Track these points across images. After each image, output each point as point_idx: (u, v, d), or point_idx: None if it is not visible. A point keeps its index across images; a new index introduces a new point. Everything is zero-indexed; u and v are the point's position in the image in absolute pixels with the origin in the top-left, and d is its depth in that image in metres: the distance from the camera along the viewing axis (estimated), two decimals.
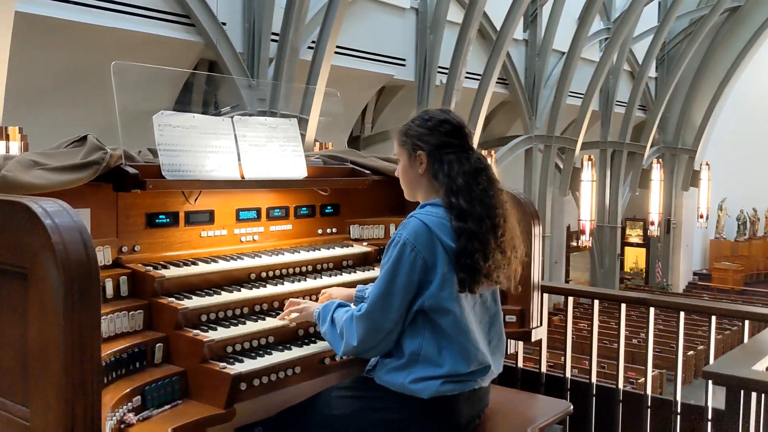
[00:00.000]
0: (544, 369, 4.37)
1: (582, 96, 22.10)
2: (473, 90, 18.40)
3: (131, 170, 2.84)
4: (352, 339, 2.63)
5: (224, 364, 2.65)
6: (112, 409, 2.36)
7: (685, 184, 28.31)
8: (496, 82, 18.71)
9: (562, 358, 4.31)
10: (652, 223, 26.96)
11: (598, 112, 23.87)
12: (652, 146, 26.36)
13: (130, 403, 2.49)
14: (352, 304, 3.10)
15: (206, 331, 2.76)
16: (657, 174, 26.37)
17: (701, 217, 28.14)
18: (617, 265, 26.11)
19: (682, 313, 4.02)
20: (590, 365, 4.22)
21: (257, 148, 3.39)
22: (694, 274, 30.81)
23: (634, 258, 30.75)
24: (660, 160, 26.73)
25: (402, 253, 2.56)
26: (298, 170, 3.54)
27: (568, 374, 4.31)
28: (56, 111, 11.27)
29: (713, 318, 3.96)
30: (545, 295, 4.10)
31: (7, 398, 2.19)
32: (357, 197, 3.91)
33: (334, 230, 3.82)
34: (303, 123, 13.95)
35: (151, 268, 2.89)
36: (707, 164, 27.39)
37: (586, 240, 23.15)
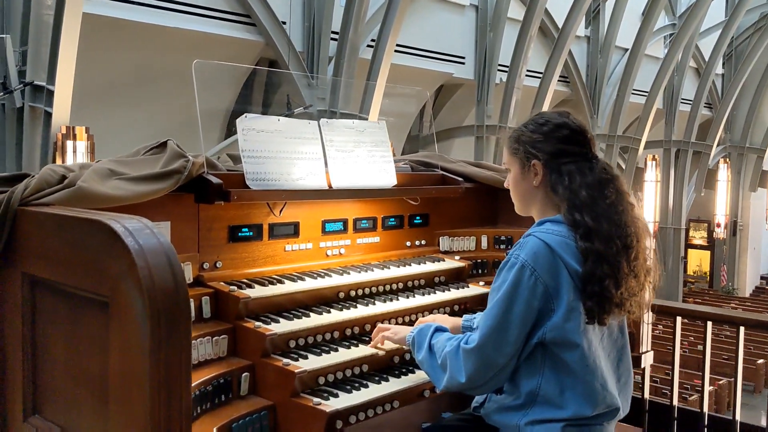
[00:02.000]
0: (647, 395, 3.99)
1: (646, 94, 21.39)
2: (534, 88, 17.93)
3: (214, 180, 2.58)
4: (458, 374, 2.30)
5: (318, 399, 2.36)
6: None
7: (753, 184, 27.27)
8: (558, 80, 18.19)
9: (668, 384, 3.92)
10: (718, 225, 26.06)
11: (662, 110, 23.10)
12: (718, 145, 25.42)
13: None
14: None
15: (296, 359, 2.48)
16: (723, 174, 25.48)
17: None
18: (681, 268, 25.25)
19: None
20: (702, 392, 3.82)
21: (345, 154, 3.10)
22: (762, 278, 29.66)
23: (698, 261, 29.77)
24: (727, 159, 25.80)
25: (520, 278, 2.22)
26: (388, 178, 3.24)
27: (675, 402, 3.92)
28: (122, 112, 11.25)
29: None
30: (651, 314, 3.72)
31: None
32: (447, 207, 3.59)
33: (423, 242, 3.51)
34: None
35: (234, 287, 2.62)
36: None
37: None
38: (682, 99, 23.27)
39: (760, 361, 16.25)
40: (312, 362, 2.48)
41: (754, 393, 16.16)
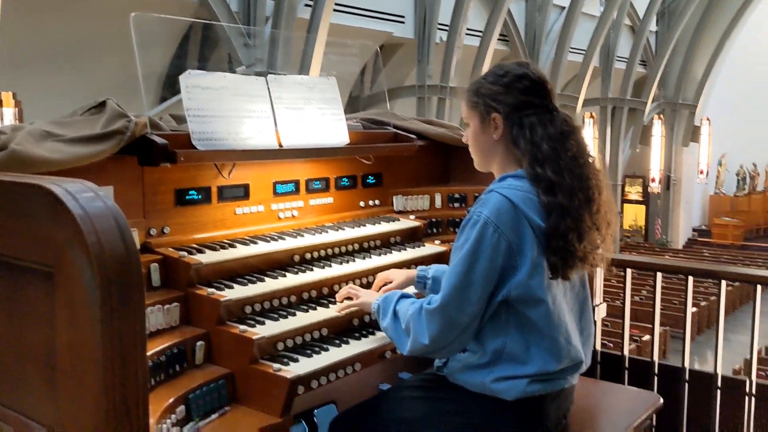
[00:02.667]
0: (599, 347, 4.04)
1: (583, 52, 21.60)
2: (474, 47, 17.90)
3: (159, 140, 2.43)
4: (422, 337, 2.24)
5: (278, 365, 2.28)
6: (155, 425, 2.00)
7: (685, 139, 27.96)
8: (497, 39, 18.19)
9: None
10: (653, 180, 26.74)
11: (599, 68, 23.38)
12: (652, 102, 25.93)
13: (173, 415, 2.13)
14: (413, 289, 2.73)
15: (253, 325, 2.38)
16: (658, 130, 26.07)
17: (701, 172, 27.93)
18: (617, 223, 25.83)
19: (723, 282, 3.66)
20: (652, 342, 3.89)
21: (295, 112, 2.98)
22: (694, 230, 30.65)
23: (634, 215, 30.51)
24: (661, 116, 26.38)
25: (483, 235, 2.16)
26: (340, 136, 3.13)
27: (626, 352, 3.98)
28: (51, 76, 10.75)
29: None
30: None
31: (33, 419, 1.82)
32: (400, 166, 3.51)
33: (377, 202, 3.43)
34: None
35: (184, 252, 2.51)
36: (708, 119, 27.04)
37: None
38: (618, 57, 23.59)
39: (703, 303, 16.84)
40: (270, 328, 2.40)
41: (698, 333, 16.77)
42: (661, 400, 2.76)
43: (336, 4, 13.94)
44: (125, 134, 2.34)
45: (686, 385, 3.79)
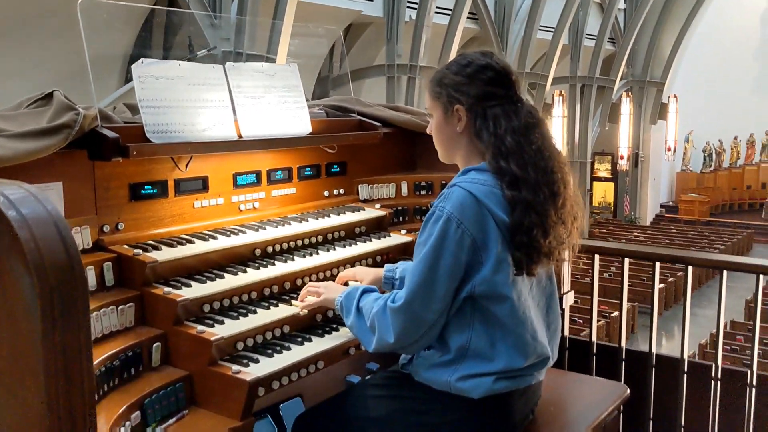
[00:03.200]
0: (566, 333, 4.02)
1: (552, 30, 21.58)
2: (443, 26, 17.78)
3: (110, 134, 2.33)
4: (387, 335, 2.19)
5: (237, 366, 2.21)
6: None
7: (653, 117, 28.20)
8: (467, 18, 18.08)
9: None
10: (621, 157, 26.93)
11: (568, 46, 23.40)
12: (621, 80, 26.06)
13: (128, 422, 2.05)
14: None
15: (212, 325, 2.30)
16: (626, 108, 26.21)
17: (669, 149, 28.18)
18: (587, 201, 26.10)
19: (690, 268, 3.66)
20: (620, 328, 3.87)
21: (255, 101, 2.88)
22: (661, 206, 31.03)
23: (603, 192, 30.79)
24: (629, 93, 26.52)
25: (446, 230, 2.10)
26: (302, 125, 3.04)
27: (593, 339, 3.97)
28: (3, 58, 10.39)
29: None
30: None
31: None
32: (364, 154, 3.43)
33: (341, 191, 3.35)
34: (270, 63, 13.26)
35: (140, 250, 2.41)
36: (675, 97, 27.25)
37: None
38: (587, 35, 23.61)
39: (661, 285, 17.05)
40: (229, 327, 2.32)
41: (665, 309, 17.03)
42: (628, 391, 2.74)
43: None
44: (73, 128, 2.23)
45: (653, 370, 3.78)
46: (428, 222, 2.15)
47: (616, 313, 14.27)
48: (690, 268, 3.64)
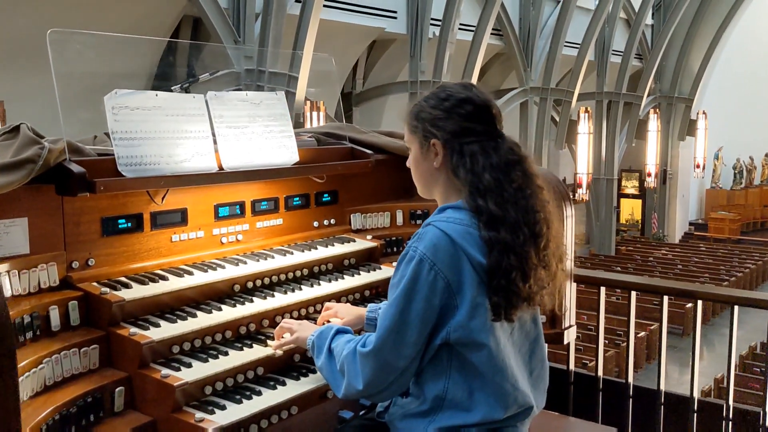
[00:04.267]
0: (572, 367, 3.87)
1: (578, 46, 21.37)
2: (467, 42, 17.67)
3: (76, 169, 2.25)
4: (356, 381, 2.07)
5: (201, 414, 2.10)
6: None
7: (681, 133, 27.76)
8: (491, 34, 17.96)
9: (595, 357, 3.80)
10: (649, 174, 26.51)
11: (594, 62, 23.15)
12: (648, 96, 25.70)
13: None
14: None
15: (178, 369, 2.20)
16: (654, 124, 25.80)
17: (698, 166, 27.65)
18: (614, 218, 25.74)
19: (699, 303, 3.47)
20: (627, 365, 3.71)
21: (238, 131, 2.79)
22: (690, 224, 30.48)
23: (630, 209, 30.35)
24: (657, 109, 26.12)
25: (418, 273, 1.98)
26: (288, 155, 2.95)
27: (600, 373, 3.81)
28: (34, 76, 10.48)
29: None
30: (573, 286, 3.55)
31: None
32: (358, 182, 3.32)
33: (332, 221, 3.25)
34: (293, 82, 13.28)
35: (107, 288, 2.32)
36: (704, 113, 26.78)
37: (582, 193, 22.69)
38: (613, 50, 23.35)
39: (689, 305, 16.64)
40: (196, 371, 2.21)
41: (683, 336, 16.64)
42: None
43: (326, 0, 13.75)
44: (37, 163, 2.16)
45: (662, 408, 3.62)
46: (401, 263, 2.04)
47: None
48: (700, 303, 3.47)
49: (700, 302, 3.46)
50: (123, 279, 2.43)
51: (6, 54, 10.13)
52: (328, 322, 2.55)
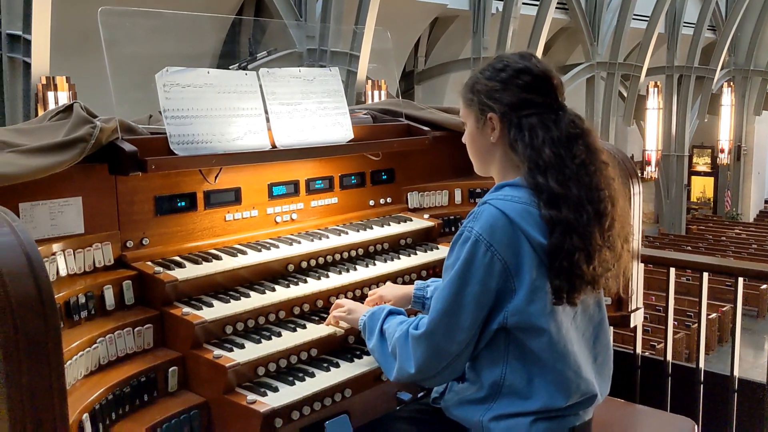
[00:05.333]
0: (639, 351, 3.72)
1: (647, 18, 20.67)
2: (531, 17, 17.28)
3: (128, 147, 2.23)
4: (407, 364, 2.00)
5: (253, 396, 2.07)
6: None
7: (757, 107, 26.68)
8: (556, 8, 17.50)
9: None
10: (722, 151, 25.65)
11: (664, 35, 22.38)
12: (722, 69, 24.73)
13: None
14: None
15: (230, 349, 2.17)
16: (727, 98, 24.92)
17: None
18: (684, 196, 24.99)
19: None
20: (698, 350, 3.54)
21: (291, 108, 2.74)
22: (766, 202, 29.35)
23: (702, 187, 29.46)
24: (731, 83, 25.19)
25: (474, 254, 1.88)
26: (343, 132, 2.88)
27: (668, 358, 3.65)
28: (91, 65, 10.73)
29: None
30: (641, 267, 3.39)
31: None
32: (415, 159, 3.24)
33: (388, 200, 3.18)
34: (354, 60, 13.23)
35: (160, 269, 2.30)
36: None
37: (651, 171, 22.09)
38: (685, 22, 22.52)
39: (764, 286, 16.05)
40: (249, 352, 2.18)
41: (757, 318, 16.08)
42: (696, 429, 2.45)
43: None
44: (88, 142, 2.15)
45: (735, 395, 3.44)
46: (456, 243, 1.95)
47: (712, 316, 13.57)
48: None
49: None
50: (177, 258, 2.41)
51: (77, 39, 10.37)
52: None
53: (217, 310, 2.28)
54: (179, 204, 2.49)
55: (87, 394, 1.94)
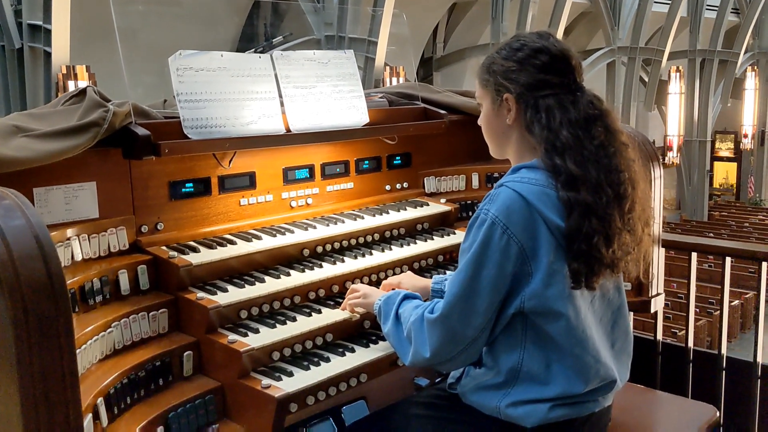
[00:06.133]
0: (659, 337, 3.67)
1: (669, 2, 20.36)
2: (551, 1, 17.08)
3: (141, 131, 2.22)
4: (423, 348, 1.97)
5: (268, 380, 2.06)
6: None
7: None
8: None
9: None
10: (746, 136, 25.25)
11: (686, 19, 22.03)
12: (745, 53, 24.32)
13: None
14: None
15: (245, 334, 2.16)
16: (751, 82, 24.50)
17: None
18: (706, 182, 24.67)
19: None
20: (720, 337, 3.48)
21: (305, 91, 2.71)
22: None
23: (724, 173, 29.08)
24: (755, 67, 24.75)
25: (490, 237, 1.85)
26: (358, 116, 2.85)
27: (690, 344, 3.60)
28: (129, 51, 10.76)
29: None
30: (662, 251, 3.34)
31: None
32: (432, 143, 3.20)
33: (405, 185, 3.14)
34: (372, 47, 13.18)
35: (176, 252, 2.30)
36: None
37: (673, 156, 21.82)
38: (708, 5, 22.15)
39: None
40: (263, 336, 2.17)
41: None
42: (718, 414, 2.41)
43: None
44: (102, 126, 2.14)
45: (758, 382, 3.39)
46: (472, 226, 1.92)
47: (734, 303, 13.40)
48: None
49: None
50: (191, 243, 2.40)
51: (97, 29, 10.40)
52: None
53: (232, 294, 2.27)
54: (193, 189, 2.47)
55: (102, 378, 1.94)
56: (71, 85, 9.46)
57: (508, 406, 1.94)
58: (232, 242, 2.45)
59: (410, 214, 2.95)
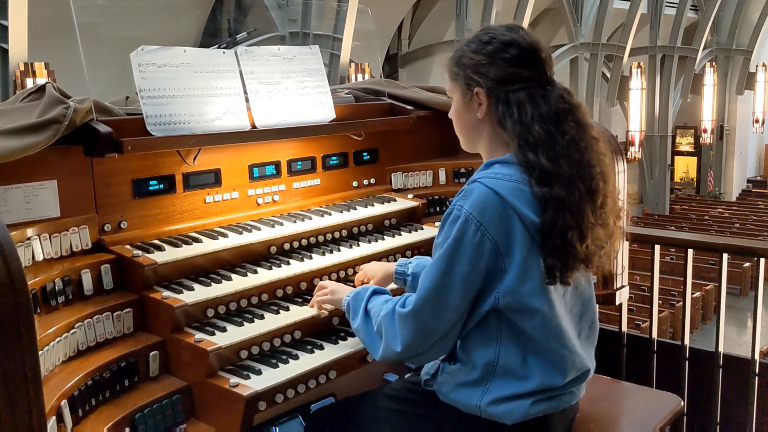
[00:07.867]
0: (624, 329, 3.72)
1: None
2: None
3: (103, 129, 2.18)
4: (394, 343, 1.97)
5: (236, 379, 2.04)
6: None
7: (739, 87, 26.73)
8: None
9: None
10: (705, 131, 25.69)
11: (647, 15, 22.34)
12: (704, 49, 24.75)
13: None
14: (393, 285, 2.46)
15: (212, 333, 2.14)
16: (710, 78, 24.92)
17: (756, 121, 26.69)
18: (668, 176, 25.07)
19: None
20: (683, 326, 3.54)
21: (270, 87, 2.69)
22: (749, 181, 29.53)
23: (685, 167, 29.57)
24: (713, 63, 25.19)
25: (463, 233, 1.85)
26: (324, 112, 2.84)
27: (654, 335, 3.65)
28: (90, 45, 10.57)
29: None
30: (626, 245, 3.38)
31: None
32: (398, 139, 3.20)
33: (372, 181, 3.14)
34: (337, 43, 13.13)
35: (140, 252, 2.26)
36: (764, 65, 25.72)
37: (635, 151, 22.12)
38: (667, 3, 22.47)
39: (747, 264, 16.17)
40: (231, 335, 2.15)
41: (740, 296, 16.20)
42: (682, 403, 2.44)
43: None
44: (62, 123, 2.09)
45: (720, 371, 3.45)
46: (445, 222, 1.91)
47: (696, 294, 13.67)
48: (762, 261, 3.28)
49: (762, 260, 3.26)
50: (156, 242, 2.37)
51: (56, 25, 10.20)
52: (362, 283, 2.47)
53: (198, 293, 2.24)
54: (157, 186, 2.44)
55: (65, 380, 1.90)
56: (29, 83, 9.28)
57: (489, 404, 1.94)
58: (197, 240, 2.42)
59: (378, 210, 2.94)
